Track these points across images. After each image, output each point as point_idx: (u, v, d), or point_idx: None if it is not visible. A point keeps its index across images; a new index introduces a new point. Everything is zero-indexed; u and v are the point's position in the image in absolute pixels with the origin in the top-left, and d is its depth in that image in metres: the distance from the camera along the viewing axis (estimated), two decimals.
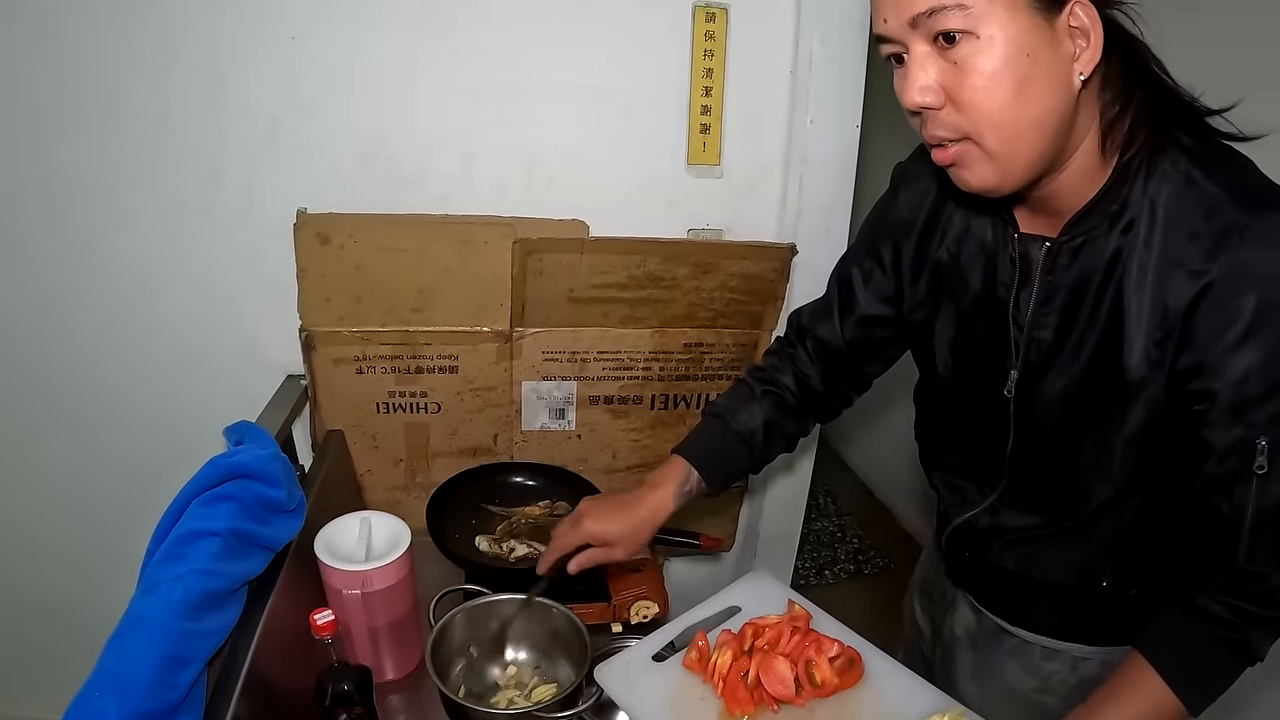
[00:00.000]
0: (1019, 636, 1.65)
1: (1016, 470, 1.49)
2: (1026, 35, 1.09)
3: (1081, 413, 1.34)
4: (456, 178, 2.15)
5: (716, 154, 2.23)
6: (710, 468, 1.73)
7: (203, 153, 2.07)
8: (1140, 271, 1.22)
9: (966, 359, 1.50)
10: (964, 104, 1.14)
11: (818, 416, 1.84)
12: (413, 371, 2.25)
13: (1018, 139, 1.15)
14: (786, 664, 1.49)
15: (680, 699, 1.50)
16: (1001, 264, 1.39)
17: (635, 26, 2.10)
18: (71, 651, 1.80)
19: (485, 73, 2.08)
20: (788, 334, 1.83)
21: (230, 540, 1.50)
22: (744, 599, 1.72)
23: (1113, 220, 1.24)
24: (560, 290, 2.19)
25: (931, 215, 1.50)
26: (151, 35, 1.96)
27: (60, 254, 2.13)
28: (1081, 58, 1.13)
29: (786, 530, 2.78)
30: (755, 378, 1.79)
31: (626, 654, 1.61)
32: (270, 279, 2.15)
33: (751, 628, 1.59)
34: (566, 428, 2.41)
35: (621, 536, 1.67)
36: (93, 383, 2.28)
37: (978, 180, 1.21)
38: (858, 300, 1.67)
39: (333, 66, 2.03)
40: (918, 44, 1.14)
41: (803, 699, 1.48)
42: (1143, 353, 1.24)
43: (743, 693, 1.47)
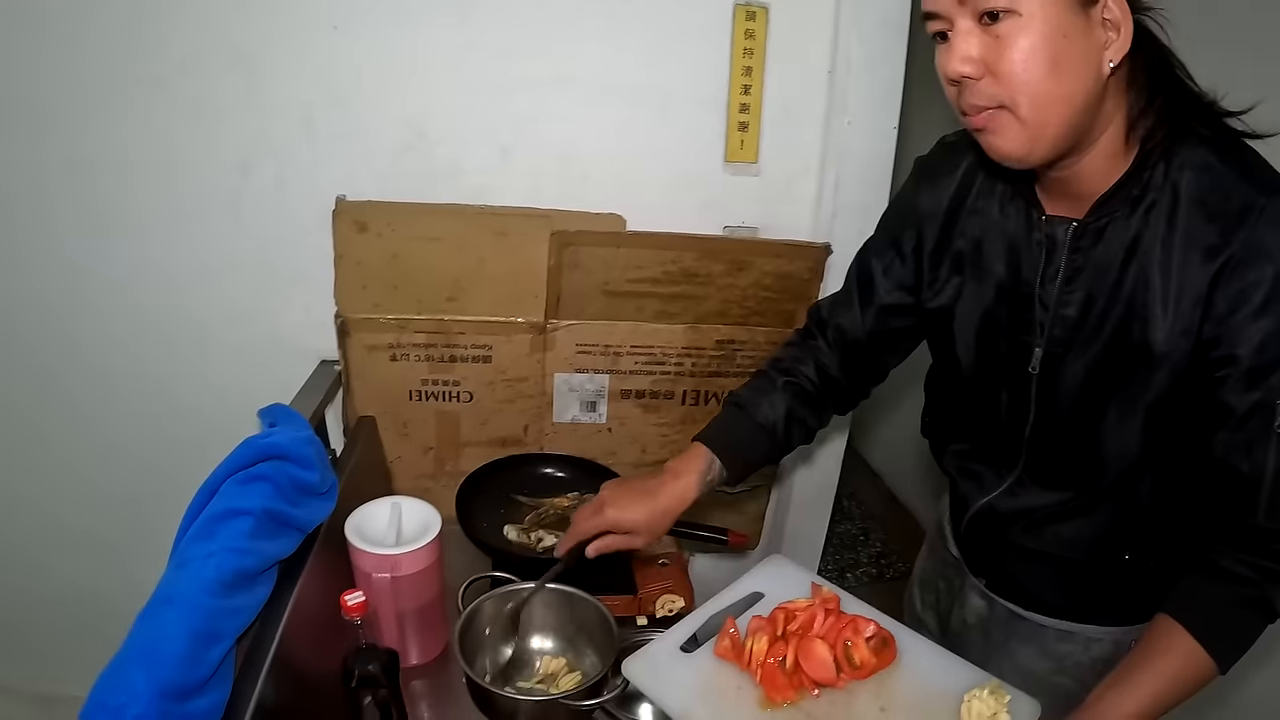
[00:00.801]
0: (1033, 621, 1.69)
1: (1035, 448, 1.54)
2: (1064, 17, 1.18)
3: (1105, 384, 1.40)
4: (494, 170, 2.16)
5: (754, 152, 2.23)
6: (732, 457, 1.73)
7: (237, 141, 2.09)
8: (1163, 251, 1.30)
9: (989, 342, 1.54)
10: (1002, 74, 1.22)
11: (836, 407, 1.86)
12: (446, 360, 2.26)
13: (1048, 109, 1.23)
14: (825, 646, 1.48)
15: (715, 689, 1.48)
16: (1026, 248, 1.45)
17: (675, 24, 2.11)
18: (94, 632, 1.83)
19: (523, 66, 2.10)
20: (807, 325, 1.86)
21: (263, 520, 1.51)
22: (766, 585, 1.70)
23: (1134, 203, 1.32)
24: (595, 283, 2.20)
25: (954, 206, 1.56)
26: (186, 23, 1.99)
27: (92, 241, 2.16)
28: (1112, 47, 1.22)
29: (812, 529, 2.78)
30: (776, 368, 1.81)
31: (652, 646, 1.57)
32: (304, 266, 2.18)
33: (783, 613, 1.56)
34: (597, 421, 2.41)
35: (642, 525, 1.67)
36: (123, 367, 2.31)
37: (1008, 145, 1.28)
38: (878, 290, 1.70)
39: (371, 58, 2.05)
40: (963, 20, 1.23)
41: (842, 681, 1.47)
42: (1168, 328, 1.31)
43: (781, 678, 1.45)
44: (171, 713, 1.18)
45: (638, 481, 1.74)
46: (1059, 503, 1.55)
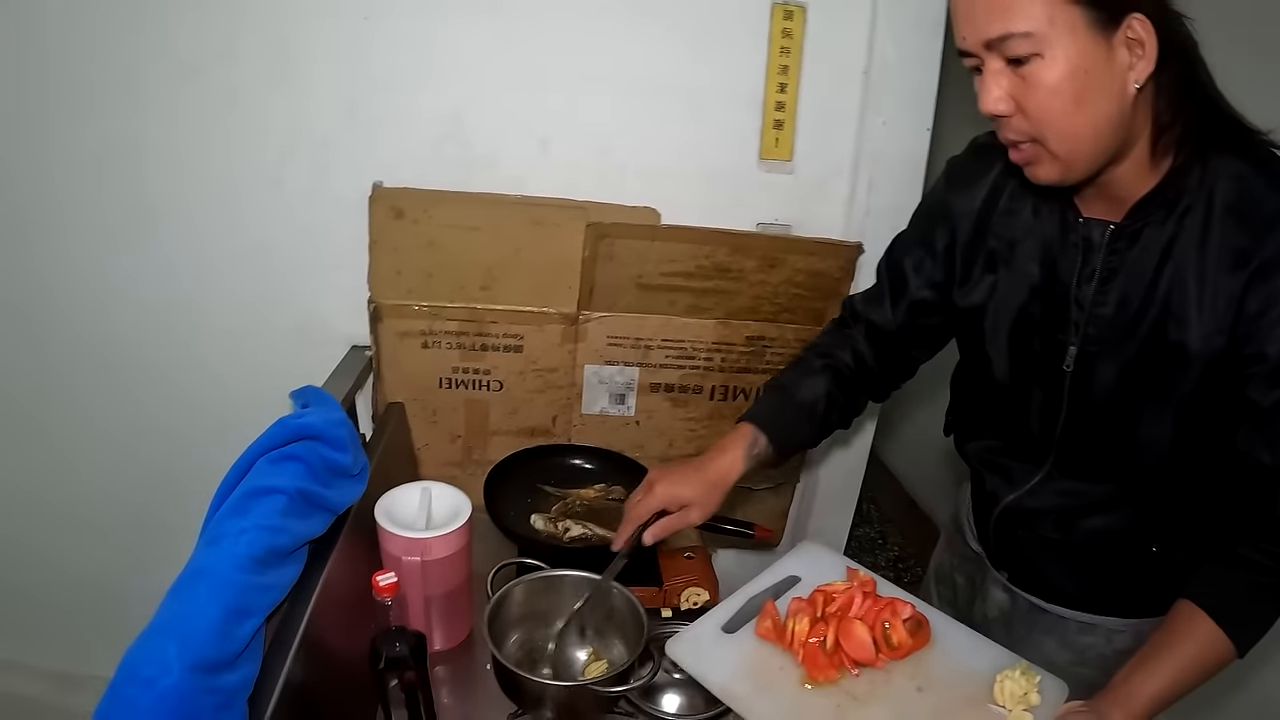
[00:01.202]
0: (1055, 613, 1.73)
1: (1066, 444, 1.57)
2: (1085, 54, 1.22)
3: (1139, 381, 1.43)
4: (531, 160, 2.17)
5: (789, 150, 2.23)
6: (776, 433, 1.76)
7: (273, 128, 2.12)
8: (1198, 255, 1.34)
9: (1023, 340, 1.56)
10: (1030, 113, 1.28)
11: (872, 394, 1.89)
12: (477, 349, 2.27)
13: (1077, 142, 1.28)
14: (864, 628, 1.53)
15: (758, 668, 1.52)
16: (1062, 249, 1.49)
17: (714, 21, 2.12)
18: (113, 611, 1.84)
19: (562, 59, 2.11)
20: (842, 317, 1.89)
21: (295, 499, 1.52)
22: (802, 568, 1.74)
23: (1169, 208, 1.36)
24: (629, 276, 2.20)
25: (987, 206, 1.59)
26: (226, 11, 2.01)
27: (134, 222, 2.19)
28: (1137, 67, 1.25)
29: (835, 527, 2.78)
30: (814, 352, 1.84)
31: (694, 628, 1.61)
32: (340, 251, 2.19)
33: (822, 594, 1.62)
34: (625, 413, 2.42)
35: (696, 497, 1.68)
36: (147, 356, 2.34)
37: (1046, 175, 1.34)
38: (909, 286, 1.73)
39: (412, 47, 2.07)
40: (992, 60, 1.28)
41: (880, 661, 1.52)
42: (1203, 328, 1.35)
43: (822, 658, 1.50)
44: (202, 686, 1.18)
45: (682, 462, 1.78)
46: (1089, 497, 1.58)
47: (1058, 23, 1.20)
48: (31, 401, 2.39)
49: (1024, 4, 1.21)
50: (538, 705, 1.58)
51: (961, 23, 1.29)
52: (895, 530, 4.53)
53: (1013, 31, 1.22)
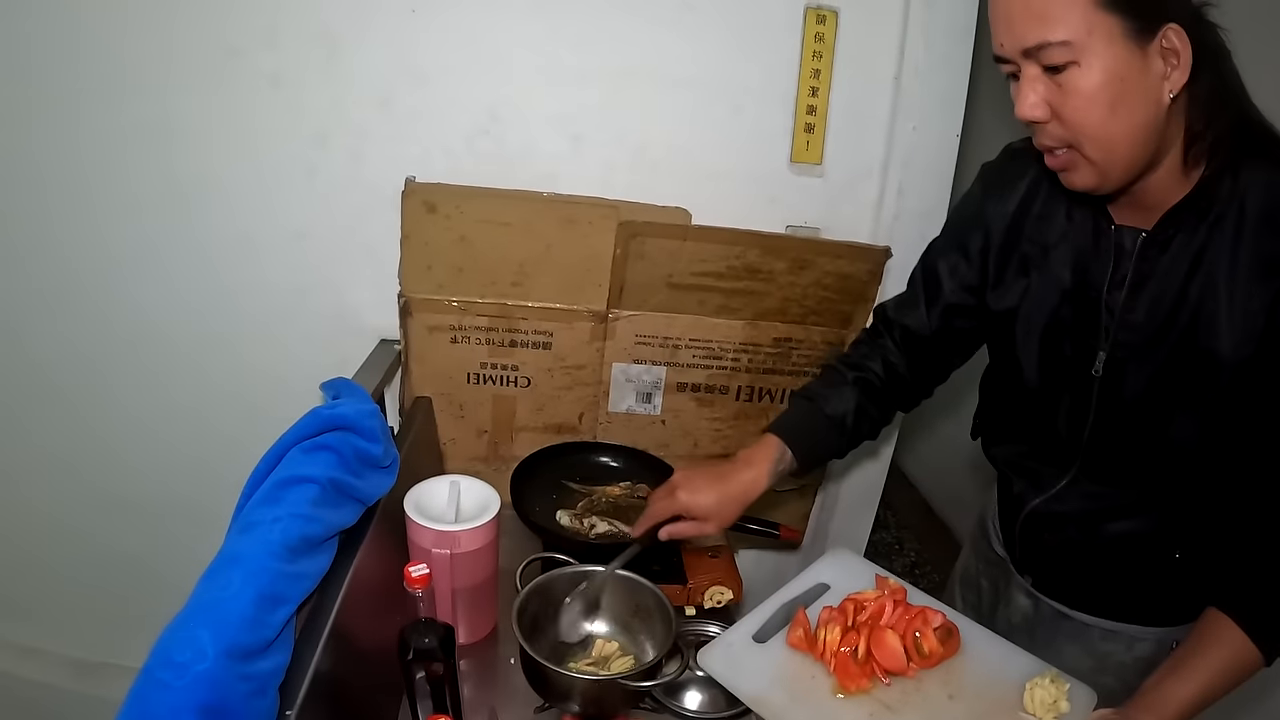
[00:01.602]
0: (1078, 620, 1.75)
1: (1094, 449, 1.58)
2: (1121, 62, 1.24)
3: (1168, 388, 1.45)
4: (564, 158, 2.18)
5: (819, 153, 2.24)
6: (803, 448, 1.77)
7: (312, 116, 2.12)
8: (1230, 263, 1.36)
9: (1053, 344, 1.58)
10: (1066, 120, 1.30)
11: (901, 404, 1.91)
12: (506, 345, 2.28)
13: (1113, 149, 1.30)
14: (896, 637, 1.54)
15: (790, 678, 1.53)
16: (1094, 254, 1.51)
17: (747, 23, 2.13)
18: (131, 599, 1.85)
19: (598, 57, 2.12)
20: (874, 325, 1.91)
21: (327, 489, 1.53)
22: (831, 576, 1.77)
23: (1201, 216, 1.38)
24: (659, 275, 2.21)
25: (1021, 211, 1.61)
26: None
27: (170, 204, 2.19)
28: (1171, 77, 1.27)
29: (855, 532, 2.78)
30: (845, 363, 1.85)
31: (725, 636, 1.63)
32: (373, 244, 2.20)
33: (853, 603, 1.64)
34: (652, 412, 2.43)
35: (714, 511, 1.70)
36: (179, 338, 2.34)
37: (1081, 182, 1.36)
38: (944, 290, 1.75)
39: (449, 41, 2.08)
40: (1029, 67, 1.30)
41: (912, 670, 1.54)
42: (1235, 336, 1.36)
43: (854, 668, 1.51)
44: (236, 672, 1.19)
45: (710, 467, 1.77)
46: (1115, 501, 1.60)
47: (1096, 32, 1.22)
48: (64, 383, 2.39)
49: (1062, 13, 1.22)
50: (565, 699, 1.59)
51: (999, 30, 1.30)
52: (911, 536, 4.53)
53: (1051, 40, 1.23)
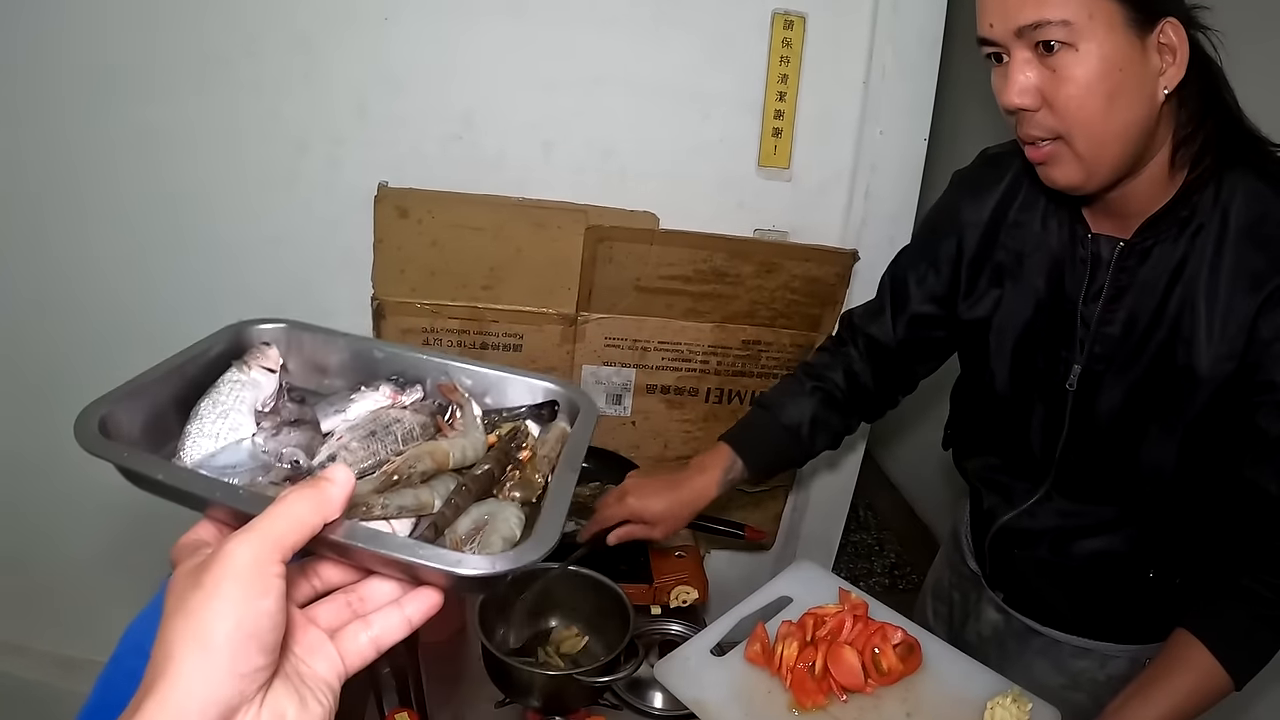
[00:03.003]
0: (1048, 636, 1.71)
1: (1067, 464, 1.54)
2: (1120, 51, 1.19)
3: (1144, 404, 1.40)
4: (534, 163, 2.21)
5: (787, 158, 2.26)
6: (755, 458, 1.76)
7: (290, 124, 2.15)
8: (1210, 275, 1.30)
9: (1026, 356, 1.54)
10: (1059, 109, 1.23)
11: (864, 415, 1.87)
12: (478, 347, 2.31)
13: (1105, 144, 1.25)
14: (854, 653, 1.51)
15: (747, 693, 1.52)
16: (1070, 264, 1.45)
17: (715, 29, 2.15)
18: (117, 596, 1.86)
19: (569, 64, 2.14)
20: (839, 333, 1.87)
21: None
22: (794, 589, 1.74)
23: (1182, 225, 1.32)
24: (628, 279, 2.24)
25: (996, 218, 1.56)
26: (254, 5, 2.05)
27: (153, 208, 2.22)
28: (1168, 73, 1.22)
29: (827, 533, 2.80)
30: (806, 373, 1.82)
31: (684, 649, 1.62)
32: (349, 248, 2.23)
33: (812, 618, 1.60)
34: (622, 414, 2.45)
35: (662, 517, 1.70)
36: (157, 341, 2.29)
37: (1064, 178, 1.30)
38: (910, 300, 1.71)
39: (424, 49, 2.10)
40: (1019, 50, 1.23)
41: (870, 687, 1.51)
42: (1213, 352, 1.31)
43: (810, 684, 1.49)
44: None
45: (661, 474, 1.77)
46: (1088, 519, 1.56)
47: (1097, 16, 1.17)
48: (45, 383, 2.41)
49: None
50: (525, 694, 1.61)
51: (990, 9, 1.24)
52: (893, 537, 4.54)
53: (1049, 19, 1.18)
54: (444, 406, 1.00)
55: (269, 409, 0.95)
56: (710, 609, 2.02)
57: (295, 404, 0.97)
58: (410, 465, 0.87)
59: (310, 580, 0.77)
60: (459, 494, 0.88)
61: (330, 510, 0.65)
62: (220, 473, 0.85)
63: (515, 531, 0.85)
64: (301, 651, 0.70)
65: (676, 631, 1.85)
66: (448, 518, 0.86)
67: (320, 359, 1.06)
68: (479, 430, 0.97)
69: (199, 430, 0.89)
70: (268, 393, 0.96)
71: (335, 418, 0.96)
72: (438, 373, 1.03)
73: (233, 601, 0.59)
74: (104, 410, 0.85)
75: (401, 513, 0.84)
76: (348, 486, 0.66)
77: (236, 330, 1.04)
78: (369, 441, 0.90)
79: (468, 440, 0.94)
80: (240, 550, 0.60)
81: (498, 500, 0.91)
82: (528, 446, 0.98)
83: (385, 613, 0.75)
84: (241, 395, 0.93)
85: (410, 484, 0.87)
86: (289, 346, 1.04)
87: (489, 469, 0.92)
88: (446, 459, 0.91)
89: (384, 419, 0.93)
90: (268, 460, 0.87)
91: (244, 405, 0.92)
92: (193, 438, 0.88)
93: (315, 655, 0.70)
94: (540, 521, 0.81)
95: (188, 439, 0.88)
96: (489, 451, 0.95)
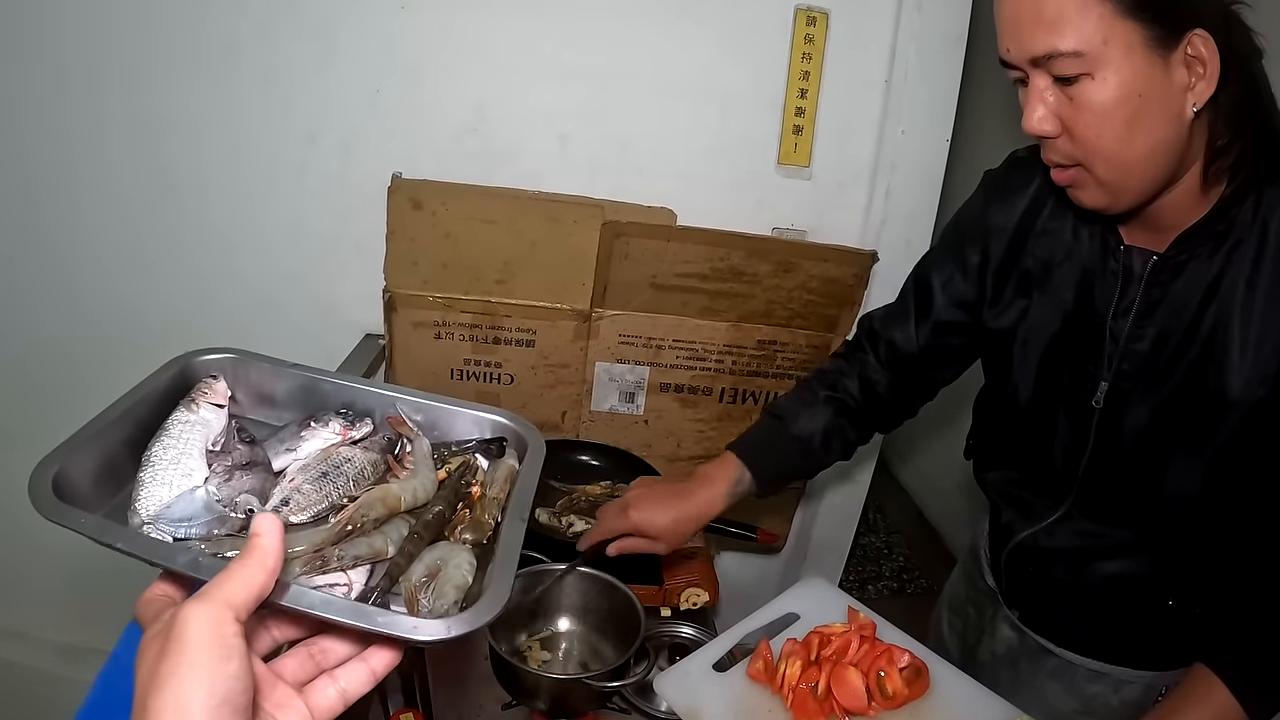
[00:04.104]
0: (1063, 657, 1.66)
1: (1090, 483, 1.48)
2: (1140, 75, 1.13)
3: (1172, 424, 1.35)
4: (550, 156, 2.19)
5: (807, 156, 2.24)
6: (764, 470, 1.70)
7: (302, 112, 2.14)
8: (1247, 292, 1.24)
9: (1052, 369, 1.49)
10: (1077, 136, 1.19)
11: (879, 425, 1.82)
12: (490, 342, 2.29)
13: (1127, 170, 1.20)
14: (858, 675, 1.47)
15: (747, 710, 1.47)
16: (1100, 277, 1.40)
17: (736, 24, 2.13)
18: (121, 585, 1.84)
19: (586, 57, 2.12)
20: (857, 338, 1.82)
21: None
22: (802, 606, 1.69)
23: (1219, 240, 1.26)
24: (643, 275, 2.22)
25: (1024, 223, 1.50)
26: None
27: (157, 197, 2.21)
28: (1196, 88, 1.15)
29: (838, 539, 2.78)
30: (819, 381, 1.77)
31: (685, 664, 1.58)
32: (360, 239, 2.21)
33: (818, 637, 1.56)
34: (634, 412, 2.43)
35: (665, 531, 1.65)
36: (168, 328, 2.32)
37: (1090, 201, 1.26)
38: (935, 305, 1.66)
39: (439, 39, 2.09)
40: (1038, 77, 1.19)
41: (873, 710, 1.46)
42: (1245, 374, 1.25)
43: (812, 705, 1.45)
44: None
45: (666, 485, 1.73)
46: (1107, 540, 1.51)
47: (1112, 41, 1.11)
48: (49, 371, 2.41)
49: (1076, 19, 1.11)
50: (532, 696, 1.59)
51: (1006, 35, 1.20)
52: (901, 541, 4.52)
53: (1061, 50, 1.13)
54: (393, 441, 1.02)
55: (219, 448, 0.95)
56: (720, 611, 2.00)
57: (246, 445, 0.97)
58: (363, 514, 0.90)
59: (270, 632, 0.80)
60: (411, 541, 0.91)
61: (271, 562, 0.67)
62: (177, 526, 0.86)
63: (467, 579, 0.88)
64: (272, 708, 0.72)
65: (686, 635, 1.84)
66: (401, 566, 0.89)
67: (269, 390, 1.07)
68: (429, 468, 0.99)
69: (152, 478, 0.89)
70: (217, 430, 0.97)
71: (286, 456, 0.97)
72: (387, 406, 1.05)
73: (201, 669, 0.61)
74: (56, 466, 0.85)
75: (357, 562, 0.87)
76: (276, 534, 0.68)
77: (183, 363, 1.04)
78: (321, 483, 0.92)
79: (418, 481, 0.97)
80: (197, 617, 0.62)
81: (449, 544, 0.94)
82: (477, 482, 1.00)
83: (350, 668, 0.79)
84: (191, 437, 0.94)
85: (363, 532, 0.89)
86: (236, 378, 1.05)
87: (440, 510, 0.95)
88: (399, 503, 0.94)
89: (334, 458, 0.95)
90: (223, 511, 0.88)
91: (195, 448, 0.93)
92: (146, 486, 0.89)
93: (287, 711, 0.73)
94: (492, 578, 0.84)
95: (142, 489, 0.88)
96: (439, 490, 0.97)
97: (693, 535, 1.72)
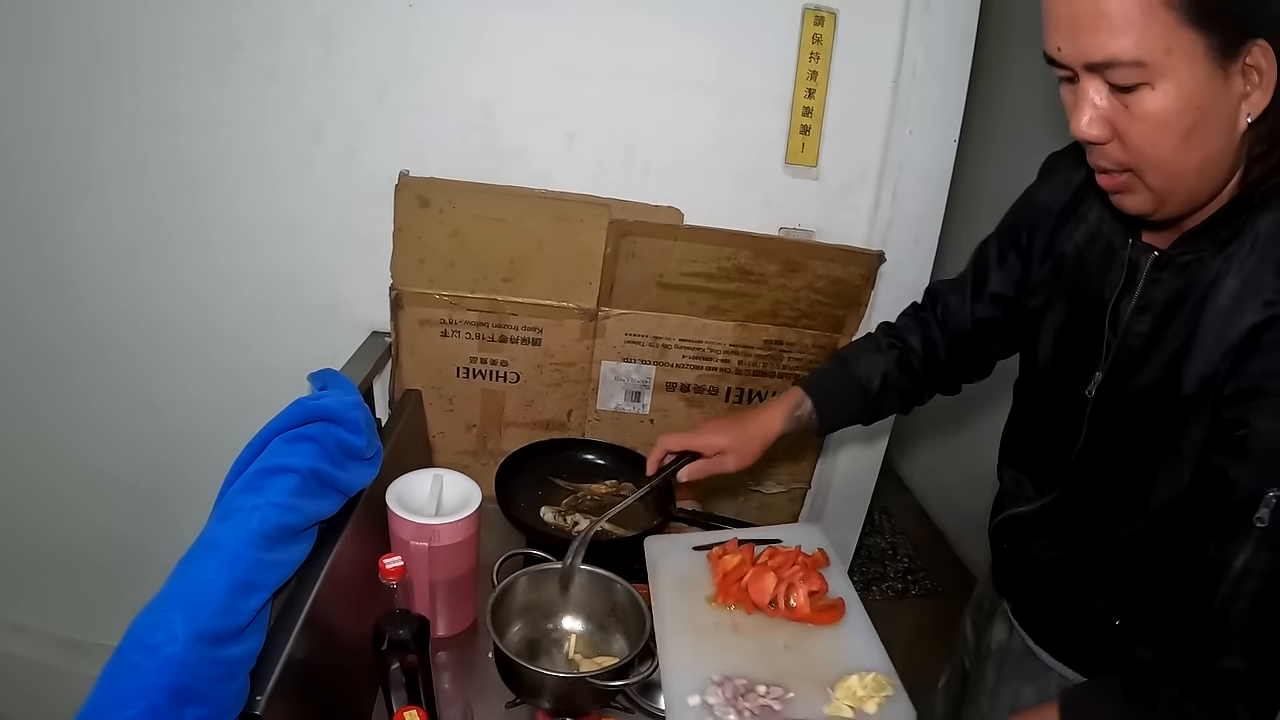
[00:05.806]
0: (1043, 661, 1.63)
1: (1078, 475, 1.47)
2: (1200, 87, 1.09)
3: (1150, 424, 1.32)
4: (558, 155, 2.19)
5: (814, 155, 2.24)
6: (824, 402, 1.81)
7: (309, 108, 2.13)
8: (1226, 293, 1.22)
9: (1064, 354, 1.49)
10: (1131, 145, 1.15)
11: (939, 386, 1.89)
12: (496, 340, 2.29)
13: (1179, 179, 1.17)
14: (773, 580, 1.69)
15: (688, 577, 1.77)
16: (1110, 269, 1.40)
17: (744, 23, 2.12)
18: (126, 580, 1.85)
19: (594, 55, 2.12)
20: (923, 301, 1.89)
21: (308, 479, 1.53)
22: (787, 536, 1.89)
23: (1222, 244, 1.23)
24: (650, 275, 2.22)
25: (1067, 207, 1.51)
26: None
27: (166, 191, 2.21)
28: (1252, 97, 1.12)
29: (844, 539, 2.77)
30: (885, 332, 1.87)
31: (676, 536, 1.91)
32: (366, 236, 2.21)
33: (770, 551, 1.78)
34: (640, 411, 2.43)
35: (732, 445, 1.76)
36: (175, 323, 2.35)
37: (1135, 207, 1.24)
38: (990, 277, 1.69)
39: (445, 36, 2.09)
40: (1089, 80, 1.14)
41: (773, 613, 1.68)
42: (1199, 371, 1.23)
43: (732, 589, 1.70)
44: (206, 657, 1.19)
45: (728, 416, 1.83)
46: (1077, 532, 1.49)
47: (1175, 50, 1.06)
48: (61, 364, 2.41)
49: (1138, 26, 1.06)
50: (536, 695, 1.60)
51: (1058, 33, 1.14)
52: (906, 543, 4.51)
53: (1121, 59, 1.08)
54: None
55: None
56: None
57: None
58: None
59: None
60: None
61: None
62: None
63: None
64: None
65: None
66: None
67: None
68: None
69: None
70: None
71: None
72: None
73: None
74: None
75: None
76: None
77: None
78: None
79: None
80: None
81: None
82: None
83: None
84: None
85: None
86: None
87: None
88: None
89: None
90: None
91: None
92: None
93: None
94: None
95: None
96: None
97: (758, 455, 1.84)
